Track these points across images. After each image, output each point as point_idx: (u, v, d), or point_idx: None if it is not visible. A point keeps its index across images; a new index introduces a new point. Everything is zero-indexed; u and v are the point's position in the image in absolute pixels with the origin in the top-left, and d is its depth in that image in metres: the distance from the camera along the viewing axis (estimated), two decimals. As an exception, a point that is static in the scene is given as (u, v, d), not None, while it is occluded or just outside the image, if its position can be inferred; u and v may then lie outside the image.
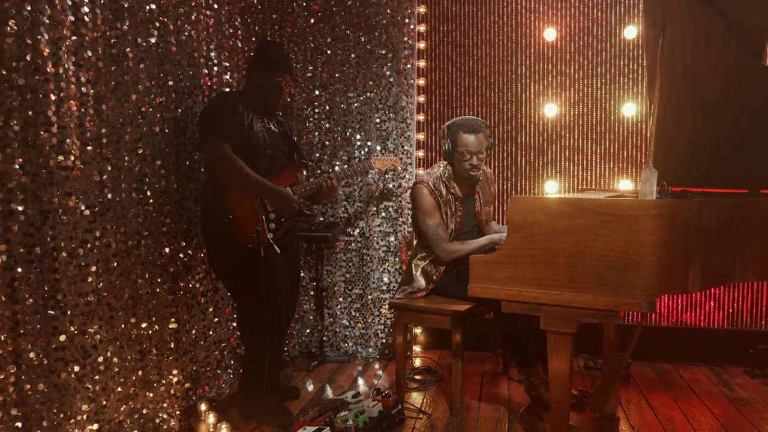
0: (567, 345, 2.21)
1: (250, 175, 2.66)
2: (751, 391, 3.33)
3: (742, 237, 2.33)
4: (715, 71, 2.52)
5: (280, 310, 2.85)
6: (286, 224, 2.86)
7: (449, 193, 3.07)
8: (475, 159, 3.03)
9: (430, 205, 3.03)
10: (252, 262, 2.67)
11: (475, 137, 3.00)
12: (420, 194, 3.04)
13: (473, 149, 3.00)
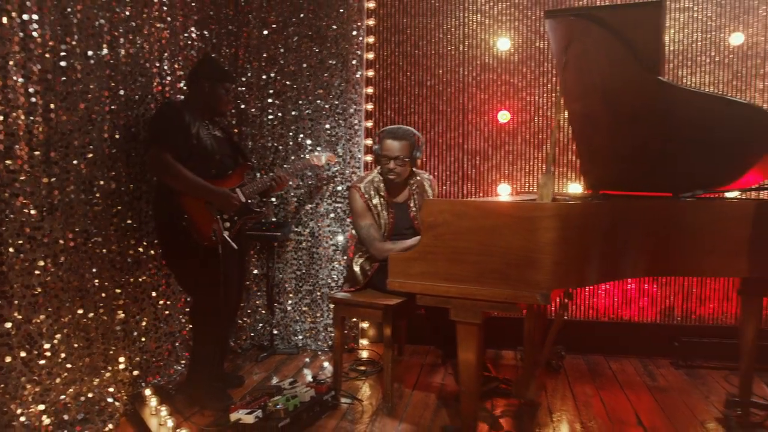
0: (474, 335, 2.43)
1: (190, 179, 2.87)
2: (672, 380, 3.57)
3: (633, 236, 2.56)
4: (622, 86, 2.74)
5: (229, 303, 3.08)
6: (239, 222, 3.09)
7: (379, 197, 3.28)
8: (392, 163, 3.24)
9: (361, 208, 3.25)
10: (207, 259, 2.90)
11: (397, 143, 3.21)
12: (352, 198, 3.27)
13: (391, 154, 3.22)
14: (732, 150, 2.85)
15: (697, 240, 2.64)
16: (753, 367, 3.02)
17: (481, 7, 4.13)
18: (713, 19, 3.94)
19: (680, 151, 2.93)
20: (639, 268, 2.60)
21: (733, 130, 2.76)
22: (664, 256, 2.63)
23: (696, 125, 2.78)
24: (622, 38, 2.48)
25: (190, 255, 2.91)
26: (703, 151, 2.88)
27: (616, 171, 3.26)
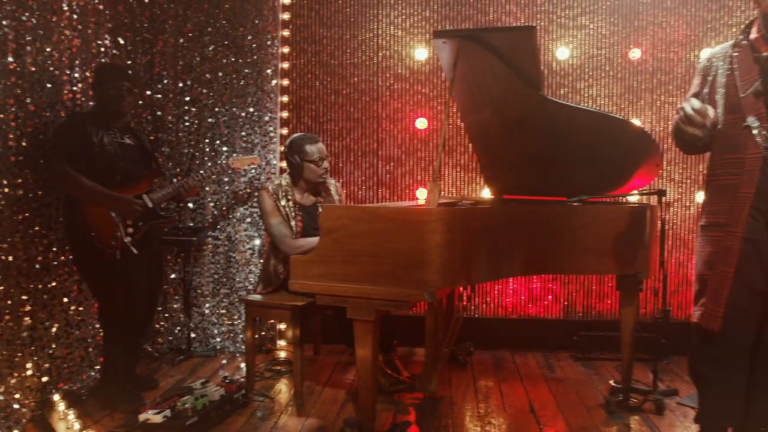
0: (369, 331, 2.60)
1: (89, 187, 2.96)
2: (569, 372, 3.84)
3: (515, 238, 2.79)
4: (508, 101, 2.98)
5: (136, 307, 3.14)
6: (144, 227, 3.16)
7: (287, 200, 3.42)
8: (326, 162, 3.41)
9: (271, 206, 3.38)
10: (110, 265, 2.96)
11: (318, 145, 3.39)
12: (262, 198, 3.40)
13: (323, 155, 3.39)
14: (612, 159, 3.14)
15: (573, 241, 2.89)
16: (633, 356, 3.30)
17: (394, 20, 4.33)
18: (607, 36, 4.25)
19: (567, 160, 3.20)
20: (522, 267, 2.84)
21: (612, 142, 3.03)
22: (544, 255, 2.87)
23: (578, 136, 3.05)
24: (503, 57, 2.71)
25: (95, 261, 2.98)
26: (587, 160, 3.16)
27: (512, 177, 3.52)
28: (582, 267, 3.02)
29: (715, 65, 2.18)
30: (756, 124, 2.03)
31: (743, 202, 2.06)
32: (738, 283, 2.11)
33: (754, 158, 2.04)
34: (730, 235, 2.10)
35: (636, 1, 4.23)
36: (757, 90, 2.03)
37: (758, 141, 2.03)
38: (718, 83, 2.14)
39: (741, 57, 2.11)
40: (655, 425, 3.01)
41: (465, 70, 2.82)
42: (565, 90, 4.30)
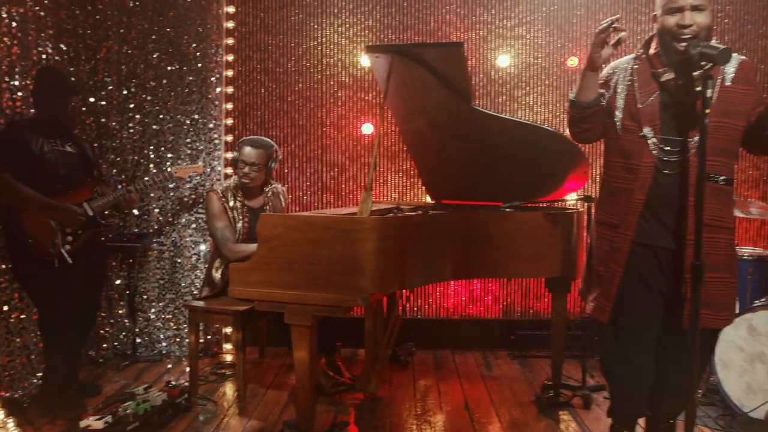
0: (306, 336, 2.70)
1: (28, 196, 2.97)
2: (506, 370, 4.01)
3: (447, 243, 2.92)
4: (441, 112, 3.12)
5: (77, 314, 3.18)
6: (84, 235, 3.18)
7: (236, 201, 3.50)
8: (248, 168, 3.48)
9: (218, 210, 3.45)
10: (50, 272, 2.99)
11: (254, 151, 3.46)
12: (209, 200, 3.47)
13: (248, 160, 3.46)
14: (543, 167, 3.30)
15: (503, 246, 3.05)
16: (563, 354, 3.49)
17: (338, 29, 4.43)
18: (543, 46, 4.43)
19: (500, 167, 3.36)
20: (454, 272, 2.98)
21: (541, 151, 3.19)
22: (475, 260, 3.02)
23: (509, 146, 3.21)
24: (433, 71, 2.84)
25: (33, 269, 3.00)
26: (520, 168, 3.32)
27: (450, 183, 3.67)
28: (511, 271, 3.18)
29: (617, 75, 2.32)
30: (651, 134, 2.20)
31: (635, 207, 2.23)
32: (640, 286, 2.27)
33: (647, 167, 2.20)
34: (621, 237, 2.26)
35: (570, 13, 4.42)
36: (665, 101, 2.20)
37: (652, 150, 2.20)
38: (619, 92, 2.29)
39: (640, 69, 2.27)
40: (581, 419, 3.19)
41: (398, 82, 2.94)
42: (503, 98, 4.47)
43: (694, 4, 2.10)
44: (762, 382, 3.03)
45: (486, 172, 3.44)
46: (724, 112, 2.15)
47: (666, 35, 2.17)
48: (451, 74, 2.86)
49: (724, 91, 2.17)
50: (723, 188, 2.20)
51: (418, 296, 4.53)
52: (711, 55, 1.96)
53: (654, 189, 2.21)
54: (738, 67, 2.19)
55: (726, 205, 2.23)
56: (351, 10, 4.42)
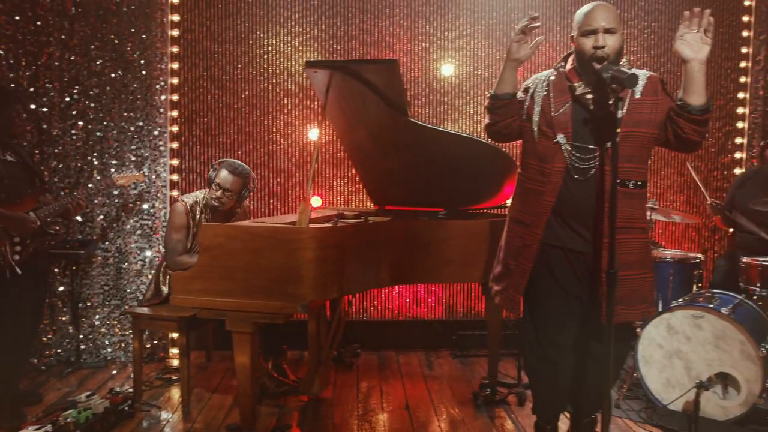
0: (247, 342, 2.78)
1: None
2: (447, 369, 4.16)
3: (383, 251, 3.05)
4: (380, 124, 3.25)
5: (21, 324, 3.18)
6: (32, 244, 3.19)
7: (202, 216, 3.55)
8: (220, 192, 3.51)
9: (180, 222, 3.48)
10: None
11: (231, 178, 3.48)
12: (175, 211, 3.50)
13: (223, 185, 3.49)
14: (479, 175, 3.46)
15: (439, 253, 3.19)
16: (498, 353, 3.65)
17: (284, 38, 4.50)
18: (482, 58, 4.61)
19: (439, 176, 3.51)
20: (391, 278, 3.11)
21: (476, 160, 3.35)
22: (412, 267, 3.16)
23: (447, 155, 3.35)
24: (370, 86, 2.96)
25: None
26: (458, 176, 3.47)
27: (392, 190, 3.80)
28: (447, 276, 3.33)
29: (537, 84, 2.49)
30: (564, 141, 2.37)
31: (545, 208, 2.40)
32: (554, 285, 2.44)
33: (559, 171, 2.37)
34: (531, 235, 2.43)
35: (509, 27, 4.60)
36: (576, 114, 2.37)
37: (564, 156, 2.37)
38: (536, 100, 2.45)
39: (556, 81, 2.44)
40: (515, 416, 3.36)
41: (338, 96, 3.05)
42: (445, 107, 4.62)
43: (607, 27, 2.29)
44: (679, 376, 3.26)
45: (426, 180, 3.58)
46: (635, 123, 2.34)
47: (582, 55, 2.35)
48: (387, 89, 2.99)
49: (633, 103, 2.35)
50: (633, 192, 2.38)
51: (363, 299, 4.65)
52: (621, 78, 2.14)
53: (564, 193, 2.38)
54: (647, 81, 2.38)
55: (637, 207, 2.41)
56: (297, 19, 4.50)
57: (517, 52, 2.39)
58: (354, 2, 4.52)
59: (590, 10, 2.32)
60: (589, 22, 2.30)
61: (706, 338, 3.17)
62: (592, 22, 2.30)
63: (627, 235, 2.37)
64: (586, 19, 2.31)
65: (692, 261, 3.81)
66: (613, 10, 2.35)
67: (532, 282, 2.48)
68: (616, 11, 2.37)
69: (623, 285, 2.33)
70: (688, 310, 3.24)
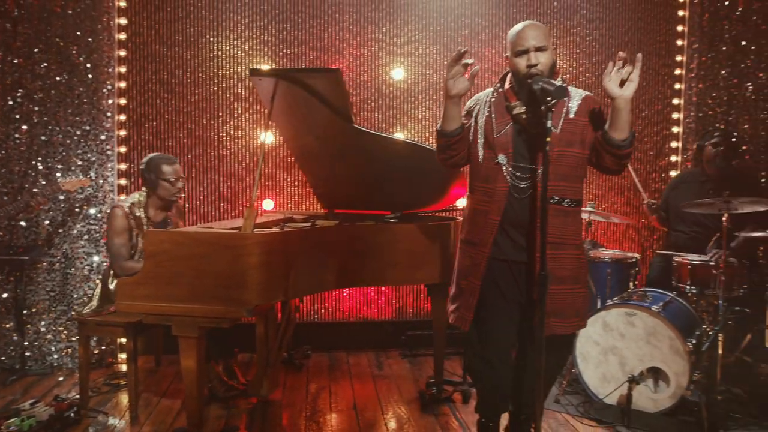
0: (194, 346, 2.80)
1: None
2: (396, 369, 4.25)
3: (328, 255, 3.12)
4: (326, 130, 3.31)
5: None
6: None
7: (143, 217, 3.55)
8: (180, 182, 3.57)
9: (121, 227, 3.48)
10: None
11: (175, 166, 3.55)
12: (114, 216, 3.49)
13: (175, 176, 3.53)
14: (425, 180, 3.55)
15: (383, 256, 3.28)
16: (443, 353, 3.75)
17: (233, 42, 4.52)
18: (430, 63, 4.71)
19: (386, 180, 3.59)
20: (338, 281, 3.18)
21: (422, 165, 3.43)
22: (358, 270, 3.24)
23: (392, 161, 3.44)
24: (315, 93, 3.02)
25: None
26: (404, 180, 3.55)
27: (341, 194, 3.87)
28: (392, 279, 3.42)
29: (478, 106, 2.58)
30: (505, 161, 2.47)
31: (492, 227, 2.49)
32: (497, 294, 2.54)
33: (501, 191, 2.47)
34: (479, 254, 2.53)
35: (456, 33, 4.73)
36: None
37: (506, 176, 2.47)
38: (479, 123, 2.54)
39: (497, 102, 2.53)
40: (459, 413, 3.47)
41: (283, 102, 3.10)
42: (394, 111, 4.71)
43: (537, 46, 2.39)
44: (614, 371, 3.41)
45: (373, 184, 3.66)
46: (568, 142, 2.44)
47: (517, 74, 2.45)
48: (332, 97, 3.05)
49: (567, 123, 2.45)
50: (568, 210, 2.47)
51: (314, 301, 4.70)
52: (549, 90, 2.24)
53: (508, 211, 2.47)
54: (581, 101, 2.48)
55: (571, 224, 2.50)
56: (247, 24, 4.52)
57: (455, 88, 2.39)
58: (304, 8, 4.57)
59: (520, 31, 2.42)
60: (520, 42, 2.40)
61: (638, 335, 3.33)
62: (523, 42, 2.40)
63: (560, 251, 2.46)
64: (518, 39, 2.41)
65: (629, 260, 3.98)
66: (543, 28, 2.45)
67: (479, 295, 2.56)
68: (545, 29, 2.47)
69: (557, 299, 2.44)
70: (622, 308, 3.40)
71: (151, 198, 3.58)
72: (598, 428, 3.25)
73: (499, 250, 2.51)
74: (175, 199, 3.61)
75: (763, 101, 4.73)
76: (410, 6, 4.66)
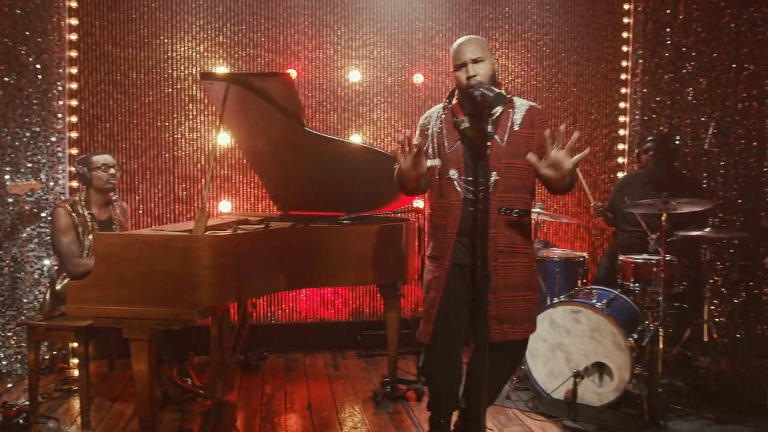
0: (145, 349, 2.80)
1: None
2: (352, 369, 4.30)
3: (281, 257, 3.15)
4: (278, 133, 3.35)
5: None
6: None
7: (87, 214, 3.53)
8: (113, 170, 3.58)
9: (66, 225, 3.46)
10: None
11: (104, 156, 3.56)
12: (57, 215, 3.47)
13: (109, 163, 3.56)
14: (376, 181, 3.60)
15: (335, 257, 3.32)
16: (397, 352, 3.81)
17: (188, 43, 4.51)
18: (385, 66, 4.78)
19: (340, 181, 3.64)
20: (290, 282, 3.22)
21: (373, 167, 3.49)
22: (309, 271, 3.28)
23: (344, 163, 3.49)
24: (266, 97, 3.05)
25: None
26: (357, 182, 3.61)
27: (296, 196, 3.90)
28: (344, 280, 3.48)
29: (431, 123, 2.64)
30: (456, 176, 2.54)
31: (450, 239, 2.55)
32: (449, 298, 2.60)
33: (456, 204, 2.54)
34: (440, 267, 2.59)
35: (410, 36, 4.80)
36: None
37: (458, 190, 2.54)
38: (433, 140, 2.61)
39: (447, 119, 2.60)
40: (412, 411, 3.53)
41: (234, 106, 3.12)
42: (349, 113, 4.76)
43: (474, 58, 2.48)
44: (561, 367, 3.53)
45: (327, 186, 3.71)
46: (514, 154, 2.50)
47: (460, 87, 2.53)
48: (282, 100, 3.09)
49: (512, 135, 2.52)
50: (517, 220, 2.55)
51: (271, 302, 4.72)
52: (489, 95, 2.31)
53: (463, 223, 2.53)
54: (525, 112, 2.55)
55: (521, 233, 2.58)
56: (201, 25, 4.52)
57: (414, 171, 2.44)
58: (259, 10, 4.59)
59: (458, 47, 2.52)
60: (458, 57, 2.50)
61: (583, 331, 3.45)
62: (461, 56, 2.49)
63: (511, 260, 2.54)
64: (456, 54, 2.51)
65: (577, 259, 4.11)
66: (480, 41, 2.54)
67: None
68: (483, 41, 2.55)
69: (509, 306, 2.51)
70: (568, 306, 3.51)
71: (90, 194, 3.58)
72: (545, 422, 3.36)
73: (456, 257, 2.57)
74: (111, 186, 3.59)
75: (703, 105, 4.95)
76: (365, 10, 4.72)
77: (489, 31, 4.92)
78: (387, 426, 3.33)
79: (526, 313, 2.60)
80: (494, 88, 2.37)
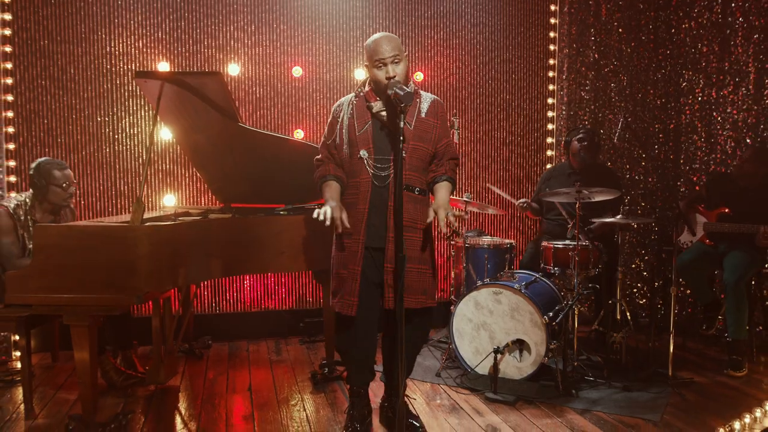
0: (85, 335, 2.93)
1: None
2: (293, 354, 4.48)
3: (217, 245, 3.32)
4: (213, 129, 3.49)
5: None
6: None
7: (29, 219, 3.59)
8: (72, 188, 3.63)
9: (6, 226, 3.52)
10: None
11: (65, 172, 3.61)
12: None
13: (66, 181, 3.60)
14: (308, 175, 3.77)
15: (269, 246, 3.51)
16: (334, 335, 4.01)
17: (127, 39, 4.59)
18: (323, 63, 4.94)
19: (276, 174, 3.80)
20: (226, 269, 3.38)
21: (303, 160, 3.66)
22: (245, 258, 3.46)
23: (279, 156, 3.66)
24: (199, 95, 3.20)
25: None
26: (293, 174, 3.78)
27: (235, 190, 4.05)
28: (278, 266, 3.66)
29: (342, 109, 2.87)
30: (366, 155, 2.76)
31: (361, 215, 2.78)
32: (364, 280, 2.82)
33: (366, 182, 2.77)
34: (355, 242, 2.81)
35: (348, 34, 5.00)
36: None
37: (368, 169, 2.76)
38: (343, 124, 2.83)
39: (358, 104, 2.83)
40: (347, 389, 3.72)
41: (170, 104, 3.26)
42: (289, 109, 4.92)
43: (393, 58, 2.70)
44: (485, 345, 3.78)
45: (263, 179, 3.87)
46: (419, 138, 2.78)
47: (378, 84, 2.75)
48: (216, 98, 3.25)
49: (419, 121, 2.80)
50: (417, 197, 2.81)
51: (215, 292, 4.85)
52: (400, 95, 2.53)
53: (372, 200, 2.77)
54: (431, 104, 2.85)
55: (420, 210, 2.83)
56: (140, 21, 4.60)
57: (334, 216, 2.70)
58: (198, 7, 4.70)
59: (377, 45, 2.72)
60: (377, 53, 2.71)
61: (504, 311, 3.72)
62: (380, 54, 2.70)
63: (409, 233, 2.78)
64: (375, 51, 2.72)
65: (504, 246, 4.39)
66: (397, 39, 2.76)
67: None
68: (397, 39, 2.77)
69: (406, 277, 2.67)
70: (490, 288, 3.77)
71: (39, 202, 3.63)
72: (470, 395, 3.61)
73: (369, 238, 2.79)
74: (67, 203, 3.67)
75: (624, 101, 5.29)
76: (303, 8, 4.88)
77: (425, 29, 5.15)
78: (323, 403, 3.53)
79: (421, 285, 2.84)
80: (405, 87, 2.60)
